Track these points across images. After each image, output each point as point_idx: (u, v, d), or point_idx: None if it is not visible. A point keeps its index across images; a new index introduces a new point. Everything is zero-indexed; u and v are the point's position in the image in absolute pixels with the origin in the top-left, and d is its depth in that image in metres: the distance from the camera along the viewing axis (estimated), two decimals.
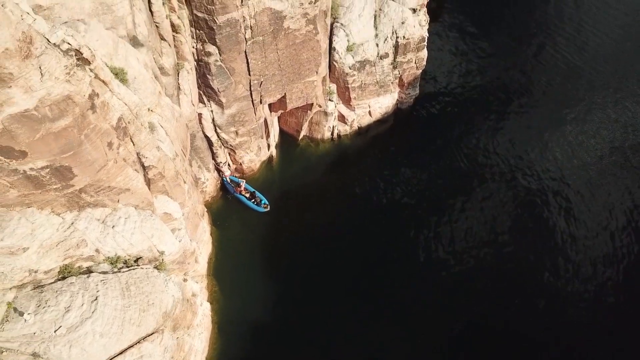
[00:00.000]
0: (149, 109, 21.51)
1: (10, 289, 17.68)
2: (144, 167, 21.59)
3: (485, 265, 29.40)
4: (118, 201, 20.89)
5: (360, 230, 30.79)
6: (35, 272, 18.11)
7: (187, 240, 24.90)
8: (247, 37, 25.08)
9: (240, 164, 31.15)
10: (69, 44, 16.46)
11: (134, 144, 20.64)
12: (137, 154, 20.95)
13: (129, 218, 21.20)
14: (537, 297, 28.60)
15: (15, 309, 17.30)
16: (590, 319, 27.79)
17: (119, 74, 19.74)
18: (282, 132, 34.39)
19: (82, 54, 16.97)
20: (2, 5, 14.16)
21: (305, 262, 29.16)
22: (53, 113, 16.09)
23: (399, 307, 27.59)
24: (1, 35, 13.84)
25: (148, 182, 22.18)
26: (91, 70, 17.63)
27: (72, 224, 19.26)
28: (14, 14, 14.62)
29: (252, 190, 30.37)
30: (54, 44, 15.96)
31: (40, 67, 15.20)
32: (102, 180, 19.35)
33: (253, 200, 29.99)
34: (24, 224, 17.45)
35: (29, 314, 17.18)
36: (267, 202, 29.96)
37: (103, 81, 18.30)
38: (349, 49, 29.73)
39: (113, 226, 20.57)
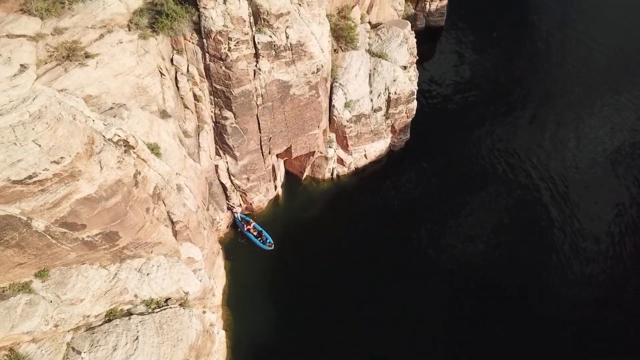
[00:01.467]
0: (176, 173, 25.54)
1: (68, 331, 21.67)
2: (172, 222, 25.57)
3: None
4: (152, 252, 24.84)
5: (358, 256, 34.64)
6: (88, 316, 22.08)
7: (206, 278, 28.87)
8: (258, 103, 29.07)
9: (250, 204, 35.09)
10: (119, 136, 20.48)
11: (165, 205, 24.63)
12: (167, 212, 24.95)
13: (160, 266, 25.14)
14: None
15: (73, 348, 21.26)
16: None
17: (154, 149, 23.72)
18: (287, 173, 38.34)
19: (128, 142, 21.00)
20: (73, 118, 18.14)
21: (309, 288, 32.85)
22: (107, 194, 20.06)
23: (405, 326, 31.32)
24: (74, 144, 17.81)
25: (175, 233, 26.16)
26: (134, 152, 21.65)
27: (115, 274, 23.23)
28: (82, 122, 18.61)
29: (260, 229, 34.30)
30: (109, 139, 19.97)
31: (100, 162, 19.17)
32: (140, 239, 23.30)
33: (260, 238, 33.92)
34: (81, 280, 21.42)
35: (84, 352, 21.15)
36: (272, 242, 33.81)
37: (143, 160, 22.30)
38: (346, 105, 33.69)
39: (148, 274, 24.53)
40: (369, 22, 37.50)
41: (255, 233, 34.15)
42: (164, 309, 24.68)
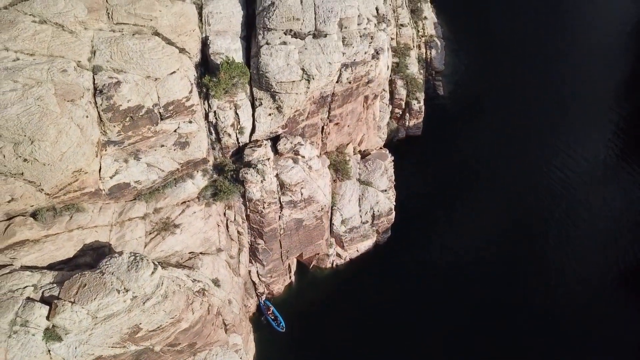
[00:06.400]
0: (228, 292, 38.19)
1: None
2: (225, 324, 38.20)
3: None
4: (212, 346, 37.47)
5: (356, 325, 46.99)
6: None
7: (245, 355, 41.50)
8: (281, 233, 41.75)
9: (272, 291, 47.77)
10: (200, 287, 33.10)
11: (221, 316, 37.26)
12: (222, 320, 37.55)
13: (217, 354, 37.65)
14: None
15: None
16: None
17: (216, 283, 36.31)
18: (298, 263, 51.01)
19: (204, 288, 33.66)
20: (179, 287, 30.72)
21: (319, 350, 45.40)
22: (193, 324, 32.53)
23: None
24: (180, 304, 30.35)
25: (226, 330, 38.80)
26: (207, 292, 34.28)
27: None
28: (182, 287, 31.15)
29: (277, 314, 46.82)
30: (195, 291, 32.59)
31: (192, 309, 31.75)
32: (208, 341, 35.87)
33: (275, 321, 46.42)
34: None
35: None
36: (284, 326, 46.17)
37: (211, 294, 34.93)
38: (342, 222, 46.34)
39: None
40: (360, 152, 50.17)
41: (273, 317, 46.71)
42: None
